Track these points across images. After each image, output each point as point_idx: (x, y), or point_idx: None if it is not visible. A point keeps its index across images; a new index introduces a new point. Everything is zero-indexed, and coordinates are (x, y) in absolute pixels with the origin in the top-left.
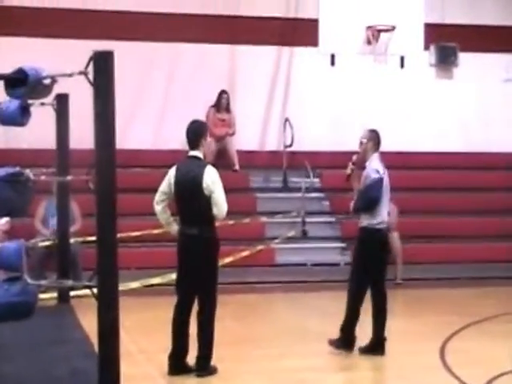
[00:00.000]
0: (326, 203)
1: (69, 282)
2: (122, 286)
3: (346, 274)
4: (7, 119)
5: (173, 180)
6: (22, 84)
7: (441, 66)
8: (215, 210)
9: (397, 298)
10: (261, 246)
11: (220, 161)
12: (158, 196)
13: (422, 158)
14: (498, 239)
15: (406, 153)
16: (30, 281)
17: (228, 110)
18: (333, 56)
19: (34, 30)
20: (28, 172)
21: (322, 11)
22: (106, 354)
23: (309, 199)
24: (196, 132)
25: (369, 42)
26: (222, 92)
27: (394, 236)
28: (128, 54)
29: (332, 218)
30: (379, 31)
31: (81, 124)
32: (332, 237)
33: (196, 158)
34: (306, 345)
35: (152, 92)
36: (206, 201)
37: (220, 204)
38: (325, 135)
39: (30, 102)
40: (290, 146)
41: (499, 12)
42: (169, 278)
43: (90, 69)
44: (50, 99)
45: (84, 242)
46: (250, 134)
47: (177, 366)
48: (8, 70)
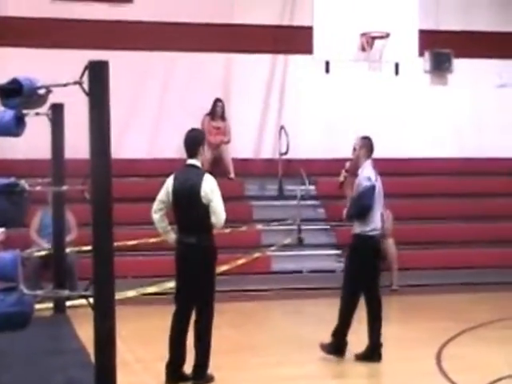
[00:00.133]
0: (322, 210)
1: (65, 292)
2: (118, 295)
3: (342, 280)
4: (2, 130)
5: (171, 189)
6: (16, 94)
7: (435, 73)
8: (213, 219)
9: (392, 305)
10: (257, 254)
11: (215, 169)
12: (156, 205)
13: (417, 164)
14: (492, 245)
15: (401, 159)
16: (26, 291)
17: (223, 118)
18: (327, 63)
19: (29, 40)
20: (23, 182)
21: (316, 19)
22: (103, 363)
23: (304, 207)
24: (194, 140)
25: (363, 48)
26: (217, 100)
27: (390, 242)
28: (123, 64)
29: (327, 226)
30: (373, 38)
31: (76, 134)
32: (328, 244)
33: (194, 166)
34: (303, 352)
35: (147, 101)
36: (204, 209)
37: (218, 213)
38: (320, 142)
39: (24, 112)
40: (286, 153)
41: (493, 18)
42: (165, 286)
43: (85, 78)
44: (44, 109)
45: (80, 251)
46: (245, 142)
47: (174, 375)
48: (2, 80)
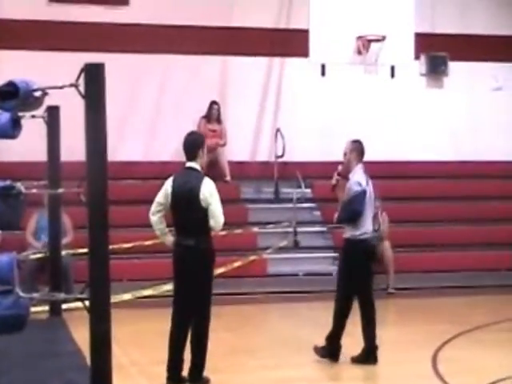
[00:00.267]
0: (318, 213)
1: (61, 295)
2: (114, 298)
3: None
4: None
5: (169, 191)
6: (12, 97)
7: (431, 76)
8: (212, 222)
9: (388, 307)
10: (253, 257)
11: (211, 172)
12: (154, 206)
13: (413, 167)
14: (488, 248)
15: (397, 162)
16: (21, 294)
17: (219, 120)
18: (323, 66)
19: (25, 43)
20: (19, 185)
21: (313, 22)
22: (99, 366)
23: (300, 209)
24: (194, 143)
25: (359, 52)
26: (213, 103)
27: (386, 245)
28: (119, 66)
29: (323, 228)
30: (369, 41)
31: (72, 136)
32: (324, 246)
33: (193, 169)
34: (299, 355)
35: (143, 103)
36: (202, 212)
37: (217, 216)
38: (316, 145)
39: (20, 114)
40: (282, 156)
41: (489, 21)
42: (161, 289)
43: (81, 81)
44: (40, 111)
45: (76, 254)
46: (241, 145)
47: (175, 378)
48: None
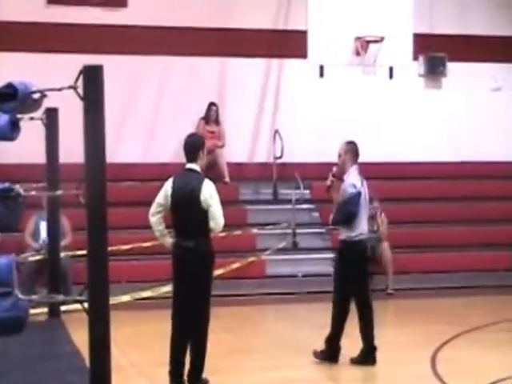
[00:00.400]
0: (316, 214)
1: (60, 297)
2: (112, 300)
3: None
4: None
5: (169, 192)
6: (11, 99)
7: (430, 76)
8: (212, 224)
9: (387, 308)
10: (252, 258)
11: (210, 173)
12: (154, 207)
13: (412, 168)
14: (487, 248)
15: (396, 163)
16: (20, 296)
17: (217, 122)
18: (322, 67)
19: (23, 45)
20: (18, 187)
21: (311, 23)
22: (98, 368)
23: (299, 210)
24: (194, 145)
25: (357, 53)
26: (211, 104)
27: (385, 246)
28: (117, 68)
29: (322, 229)
30: (368, 42)
31: (71, 138)
32: (322, 248)
33: (193, 170)
34: (298, 356)
35: (141, 105)
36: (202, 214)
37: (217, 218)
38: (314, 146)
39: (19, 116)
40: (280, 157)
41: (487, 22)
42: (160, 291)
43: (80, 83)
44: (39, 113)
45: (74, 256)
46: (239, 146)
47: (177, 381)
48: None
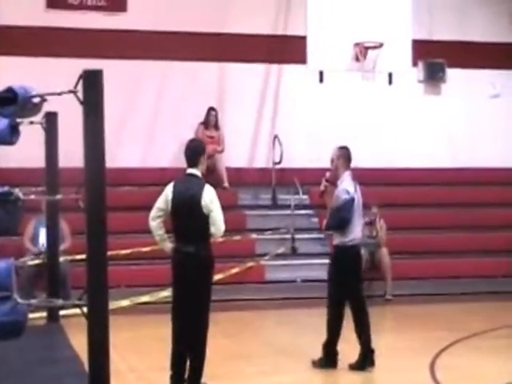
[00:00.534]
0: (315, 220)
1: (59, 302)
2: (111, 305)
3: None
4: None
5: (170, 197)
6: (11, 103)
7: (429, 82)
8: (213, 229)
9: (386, 314)
10: (251, 263)
11: (209, 178)
12: (154, 212)
13: (410, 174)
14: (485, 255)
15: (395, 169)
16: (19, 300)
17: (216, 127)
18: (321, 73)
19: (23, 49)
20: (17, 191)
21: (310, 28)
22: (97, 372)
23: (298, 216)
24: (195, 150)
25: (357, 58)
26: (210, 109)
27: (383, 252)
28: (117, 72)
29: (321, 235)
30: (367, 48)
31: (70, 142)
32: (321, 253)
33: (194, 175)
34: (297, 361)
35: (141, 110)
36: (203, 219)
37: (218, 223)
38: (314, 152)
39: (18, 120)
40: (279, 163)
41: (487, 29)
42: (158, 296)
43: (80, 87)
44: (38, 118)
45: (74, 260)
46: (239, 151)
47: None
48: None
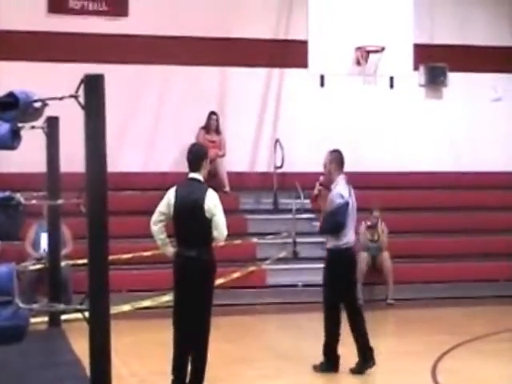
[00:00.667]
0: (317, 224)
1: (60, 306)
2: (113, 310)
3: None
4: None
5: (172, 201)
6: (12, 108)
7: (430, 86)
8: (216, 233)
9: (388, 318)
10: (252, 268)
11: (210, 182)
12: (156, 216)
13: (412, 177)
14: (487, 258)
15: (396, 173)
16: (21, 305)
17: (218, 131)
18: (322, 77)
19: (25, 54)
20: (19, 196)
21: (311, 33)
22: (98, 377)
23: (299, 220)
24: (197, 155)
25: (358, 62)
26: (211, 113)
27: (385, 256)
28: (118, 77)
29: (323, 239)
30: (368, 52)
31: (71, 147)
32: (323, 257)
33: (196, 180)
34: (299, 365)
35: (142, 114)
36: (206, 223)
37: (221, 227)
38: (315, 156)
39: (20, 125)
40: (281, 167)
41: (488, 32)
42: (160, 300)
43: (81, 92)
44: (40, 122)
45: (75, 265)
46: (240, 156)
47: None
48: None
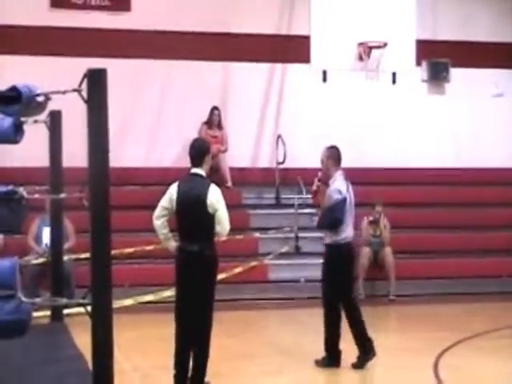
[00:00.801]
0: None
1: (63, 300)
2: (115, 304)
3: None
4: (0, 137)
5: (175, 196)
6: (15, 102)
7: (432, 82)
8: (218, 228)
9: (389, 314)
10: (254, 263)
11: (212, 178)
12: (159, 211)
13: (414, 173)
14: (489, 255)
15: (398, 169)
16: (23, 299)
17: (220, 126)
18: (325, 72)
19: (28, 48)
20: (21, 190)
21: (314, 28)
22: (100, 371)
23: (301, 215)
24: (199, 150)
25: (361, 58)
26: (214, 108)
27: (387, 251)
28: (121, 72)
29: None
30: (371, 47)
31: (74, 141)
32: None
33: (198, 175)
34: (301, 361)
35: (145, 109)
36: (208, 218)
37: (223, 222)
38: (317, 151)
39: (23, 119)
40: (283, 162)
41: (490, 28)
42: (162, 295)
43: (84, 86)
44: (43, 116)
45: (78, 259)
46: (242, 151)
47: None
48: (1, 87)
